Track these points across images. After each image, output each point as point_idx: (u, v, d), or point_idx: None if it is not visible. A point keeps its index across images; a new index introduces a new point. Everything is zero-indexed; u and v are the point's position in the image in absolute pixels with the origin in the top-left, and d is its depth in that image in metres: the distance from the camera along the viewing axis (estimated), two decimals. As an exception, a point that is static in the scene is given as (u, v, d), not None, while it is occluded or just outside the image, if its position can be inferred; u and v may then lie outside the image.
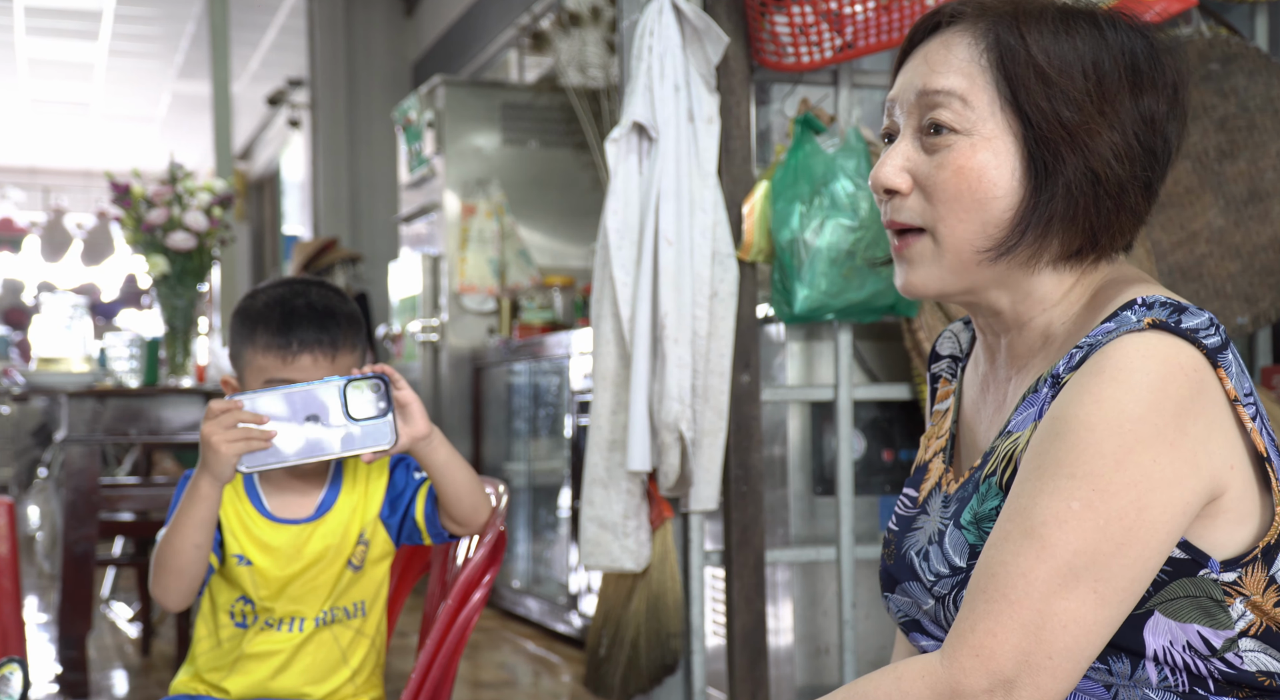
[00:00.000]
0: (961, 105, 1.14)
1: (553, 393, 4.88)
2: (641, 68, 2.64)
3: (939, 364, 1.37)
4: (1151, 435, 1.03)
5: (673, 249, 2.60)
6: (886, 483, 3.10)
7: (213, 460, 1.60)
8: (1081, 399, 1.05)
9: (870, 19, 2.62)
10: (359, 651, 1.83)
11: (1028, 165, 1.13)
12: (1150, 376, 1.04)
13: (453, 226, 5.80)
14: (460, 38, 7.60)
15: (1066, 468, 1.04)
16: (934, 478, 1.28)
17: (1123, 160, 1.12)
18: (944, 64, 1.16)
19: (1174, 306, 1.08)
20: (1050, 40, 1.13)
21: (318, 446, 1.62)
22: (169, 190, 3.87)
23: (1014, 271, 1.16)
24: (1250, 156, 2.85)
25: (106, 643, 4.62)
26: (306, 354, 1.74)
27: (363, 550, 1.81)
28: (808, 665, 3.04)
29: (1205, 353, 1.06)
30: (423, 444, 1.69)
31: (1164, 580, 1.07)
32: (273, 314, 1.76)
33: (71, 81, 10.76)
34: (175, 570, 1.68)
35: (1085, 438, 1.03)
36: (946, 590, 1.17)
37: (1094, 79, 1.12)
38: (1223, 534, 1.08)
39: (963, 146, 1.14)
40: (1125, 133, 1.13)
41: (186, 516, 1.65)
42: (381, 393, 1.63)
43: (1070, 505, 1.03)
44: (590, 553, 2.66)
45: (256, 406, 1.60)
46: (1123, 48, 1.14)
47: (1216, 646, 1.08)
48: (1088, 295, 1.18)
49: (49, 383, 3.83)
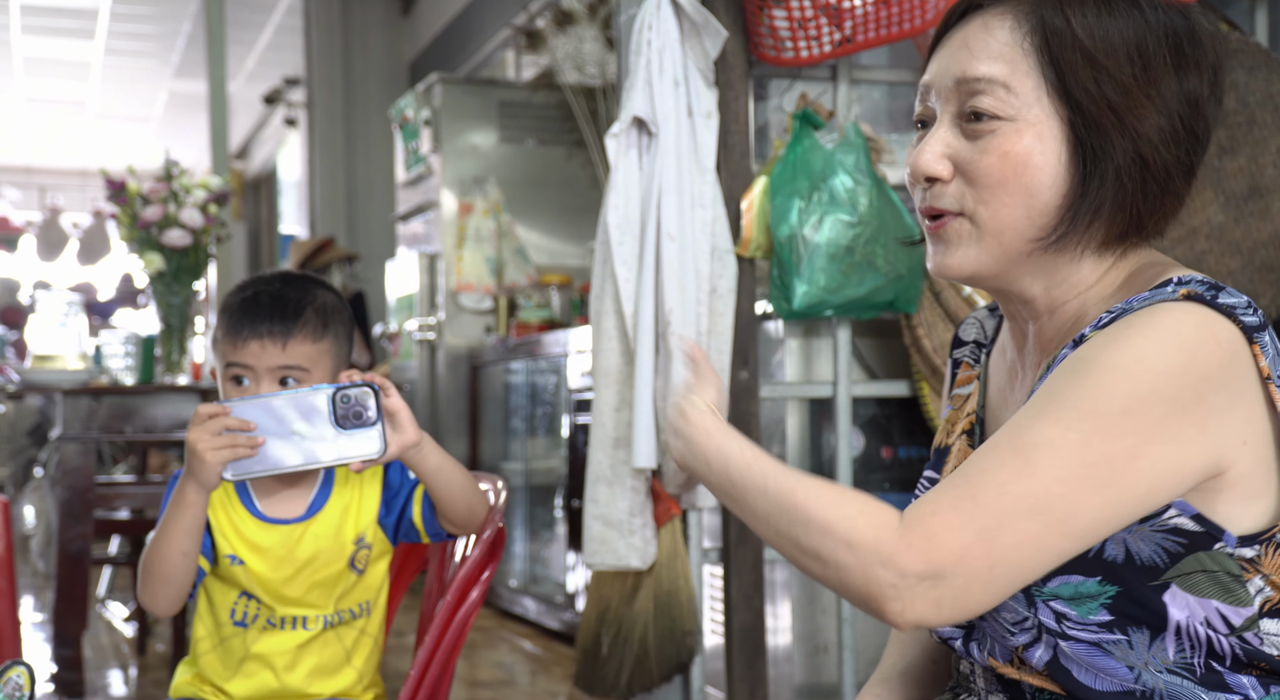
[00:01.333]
0: (1005, 92, 1.12)
1: (550, 391, 4.86)
2: (640, 63, 2.62)
3: (961, 349, 1.36)
4: (1168, 392, 1.01)
5: (675, 244, 2.58)
6: (886, 480, 3.08)
7: (198, 468, 1.58)
8: (1107, 345, 1.04)
9: (869, 13, 2.60)
10: (363, 651, 1.82)
11: (1074, 151, 1.11)
12: (1180, 337, 1.03)
13: (449, 225, 5.78)
14: (457, 36, 7.59)
15: (1073, 400, 1.02)
16: (956, 460, 1.27)
17: (1169, 144, 1.11)
18: (984, 49, 1.13)
19: (1211, 285, 1.07)
20: (1094, 21, 1.11)
21: (305, 454, 1.59)
22: (164, 187, 3.86)
23: (1056, 258, 1.15)
24: (1250, 152, 2.83)
25: (102, 642, 4.60)
26: (255, 340, 1.73)
27: (365, 554, 1.80)
28: (806, 664, 3.03)
29: (1242, 328, 1.05)
30: (413, 452, 1.67)
31: (1179, 552, 1.06)
32: (234, 300, 1.77)
33: (68, 80, 10.74)
34: (163, 577, 1.66)
35: (1100, 378, 1.02)
36: None
37: (1139, 62, 1.10)
38: (1235, 509, 1.06)
39: (1007, 132, 1.11)
40: (1170, 115, 1.11)
41: (173, 523, 1.63)
42: (370, 401, 1.61)
43: (1066, 435, 1.01)
44: (595, 551, 2.65)
45: (244, 413, 1.58)
46: (1165, 28, 1.12)
47: (1236, 625, 1.07)
48: (1122, 278, 1.16)
49: (44, 380, 3.81)
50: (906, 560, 1.01)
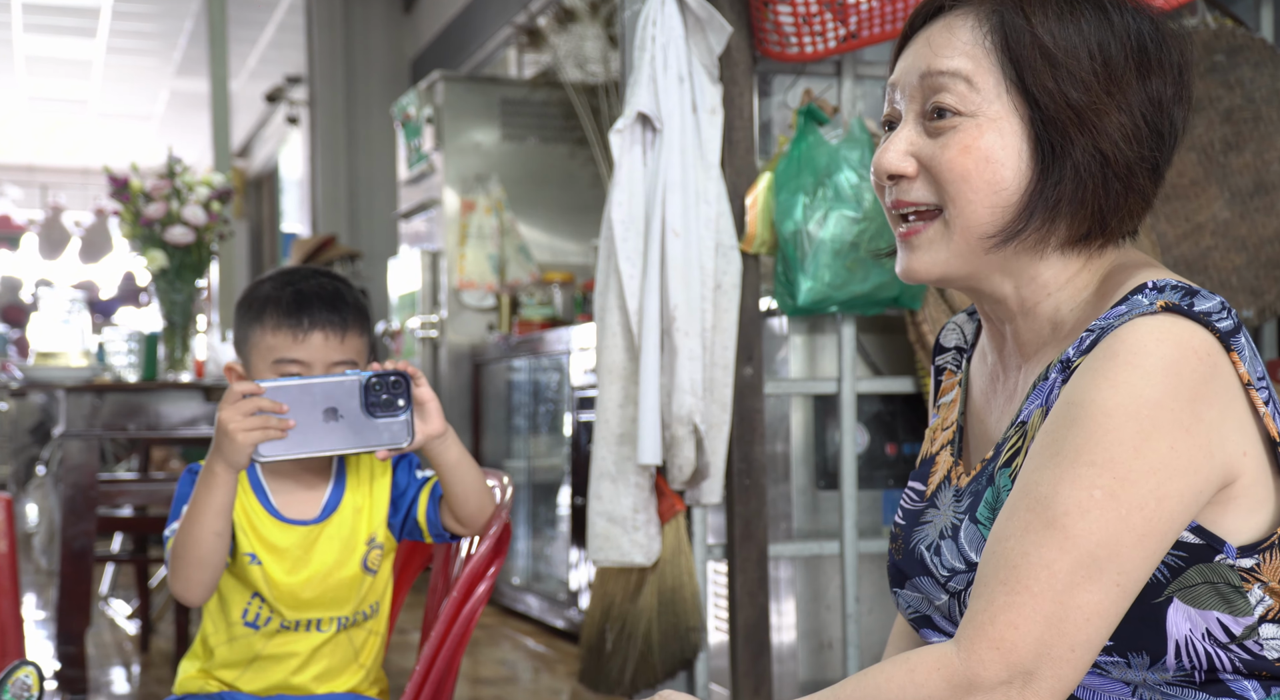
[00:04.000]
0: (967, 87, 1.12)
1: (553, 389, 4.86)
2: (645, 58, 2.62)
3: (943, 356, 1.35)
4: (1169, 421, 1.02)
5: (680, 241, 2.58)
6: (890, 477, 3.08)
7: (228, 447, 1.57)
8: (1097, 383, 1.03)
9: (874, 8, 2.60)
10: (371, 649, 1.82)
11: (1035, 147, 1.11)
12: (1164, 360, 1.02)
13: (452, 222, 5.78)
14: (459, 33, 7.58)
15: (1086, 455, 1.02)
16: (942, 470, 1.26)
17: (1130, 142, 1.11)
18: (947, 46, 1.14)
19: (1185, 290, 1.07)
20: (1055, 22, 1.11)
21: (334, 440, 1.59)
22: (167, 184, 3.85)
23: (1020, 256, 1.15)
24: (1256, 148, 2.83)
25: (105, 639, 4.60)
26: (318, 331, 1.72)
27: (378, 554, 1.80)
28: (811, 660, 3.03)
29: (1218, 336, 1.05)
30: (437, 442, 1.67)
31: (1180, 566, 1.06)
32: (283, 294, 1.74)
33: (69, 79, 10.74)
34: (196, 561, 1.64)
35: (1103, 423, 1.02)
36: (962, 586, 1.15)
37: (1100, 60, 1.11)
38: (1238, 520, 1.07)
39: (969, 128, 1.12)
40: (1133, 114, 1.11)
41: (204, 504, 1.62)
42: (402, 389, 1.61)
43: (1093, 494, 1.01)
44: (600, 547, 2.64)
45: (277, 395, 1.58)
46: (1128, 29, 1.12)
47: (1236, 633, 1.07)
48: (1096, 281, 1.16)
49: (47, 377, 3.81)
50: (988, 674, 1.01)
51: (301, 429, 1.58)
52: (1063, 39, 1.11)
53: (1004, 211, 1.12)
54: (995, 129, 1.11)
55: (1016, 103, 1.11)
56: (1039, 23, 1.11)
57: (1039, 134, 1.11)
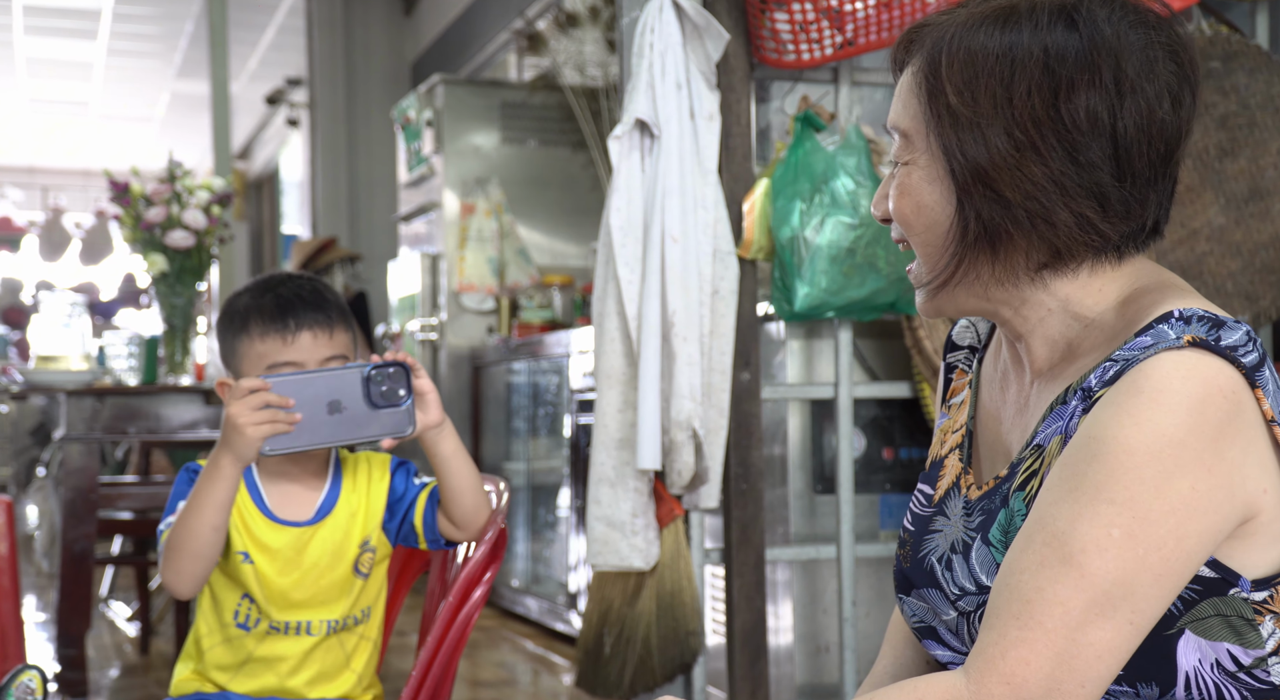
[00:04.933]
0: (905, 140, 1.17)
1: (552, 392, 4.87)
2: (643, 65, 2.63)
3: (955, 354, 1.35)
4: (1191, 461, 1.01)
5: (678, 247, 2.59)
6: (887, 481, 3.09)
7: (237, 441, 1.60)
8: (1119, 419, 1.03)
9: (870, 16, 2.61)
10: (363, 654, 1.83)
11: (953, 193, 1.14)
12: (1189, 398, 1.02)
13: (452, 225, 5.79)
14: (459, 37, 7.59)
15: (1106, 492, 1.01)
16: (950, 476, 1.26)
17: (1047, 188, 1.10)
18: (899, 100, 1.19)
19: (1212, 321, 1.06)
20: (960, 72, 1.12)
21: (339, 431, 1.63)
22: (168, 188, 3.87)
23: (999, 286, 1.16)
24: (1251, 154, 2.84)
25: (105, 641, 4.62)
26: (305, 331, 1.75)
27: (370, 557, 1.81)
28: (808, 664, 3.04)
29: (1243, 372, 1.04)
30: (434, 432, 1.69)
31: (1193, 598, 1.06)
32: (264, 301, 1.77)
33: (70, 81, 10.75)
34: (191, 554, 1.66)
35: (1124, 461, 1.01)
36: (971, 607, 1.15)
37: (1005, 100, 1.10)
38: (1253, 554, 1.07)
39: (908, 173, 1.17)
40: (1049, 160, 1.09)
41: (205, 497, 1.64)
42: (402, 380, 1.64)
43: (1111, 533, 1.01)
44: (598, 552, 2.65)
45: (283, 390, 1.61)
46: (1034, 49, 1.10)
47: (1246, 664, 1.07)
48: (1113, 300, 1.15)
49: (48, 381, 3.82)
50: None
51: (306, 422, 1.62)
52: (967, 90, 1.11)
53: (943, 252, 1.15)
54: (924, 175, 1.15)
55: (937, 153, 1.14)
56: (948, 76, 1.12)
57: (955, 182, 1.13)
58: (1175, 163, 1.13)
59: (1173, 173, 1.14)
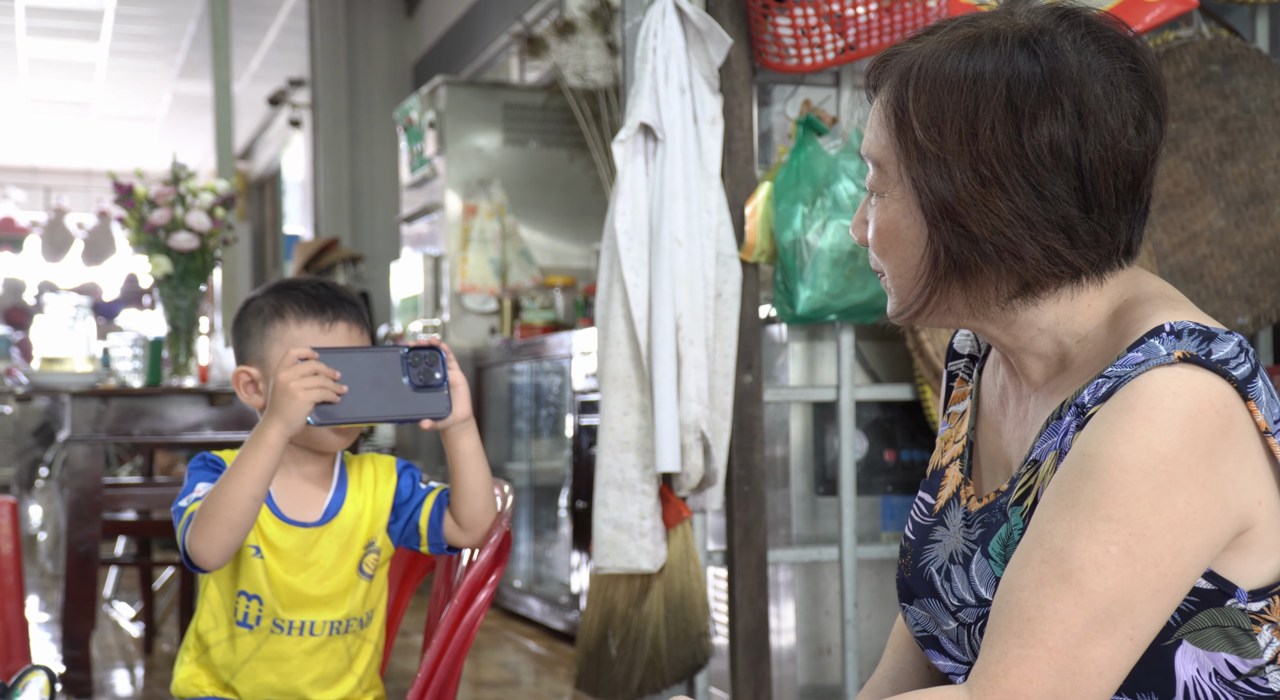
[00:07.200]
0: (879, 170, 1.17)
1: (554, 393, 4.88)
2: (646, 69, 2.64)
3: (956, 363, 1.36)
4: (1185, 476, 1.02)
5: (684, 250, 2.60)
6: (888, 483, 3.10)
7: (288, 406, 1.60)
8: (1113, 437, 1.03)
9: (872, 20, 2.62)
10: (364, 657, 1.84)
11: (925, 226, 1.15)
12: (1181, 415, 1.02)
13: (454, 226, 5.80)
14: (461, 38, 7.60)
15: (1102, 509, 1.02)
16: (951, 486, 1.27)
17: (1014, 223, 1.10)
18: (870, 130, 1.19)
19: (1203, 334, 1.07)
20: (927, 104, 1.11)
21: (382, 408, 1.64)
22: (172, 191, 3.88)
23: (983, 308, 1.16)
24: (1251, 158, 2.85)
25: (109, 642, 4.63)
26: (343, 322, 1.79)
27: (374, 559, 1.82)
28: (810, 665, 3.05)
29: (1235, 385, 1.05)
30: (460, 426, 1.71)
31: (1191, 610, 1.07)
32: (298, 292, 1.80)
33: (72, 81, 10.76)
34: (228, 522, 1.64)
35: (1120, 478, 1.02)
36: (972, 619, 1.16)
37: (970, 143, 1.10)
38: (1250, 565, 1.08)
39: (884, 203, 1.17)
40: (1014, 195, 1.09)
41: (248, 466, 1.63)
42: (438, 364, 1.66)
43: (1109, 550, 1.02)
44: (606, 554, 2.66)
45: (327, 361, 1.63)
46: (1009, 82, 1.09)
47: (1244, 672, 1.08)
48: (1103, 314, 1.16)
49: (52, 383, 3.83)
50: None
51: (352, 395, 1.62)
52: (934, 126, 1.11)
53: (914, 282, 1.16)
54: (899, 206, 1.16)
55: (908, 186, 1.14)
56: (914, 110, 1.12)
57: (924, 216, 1.14)
58: (1145, 186, 1.13)
59: (1143, 196, 1.13)
